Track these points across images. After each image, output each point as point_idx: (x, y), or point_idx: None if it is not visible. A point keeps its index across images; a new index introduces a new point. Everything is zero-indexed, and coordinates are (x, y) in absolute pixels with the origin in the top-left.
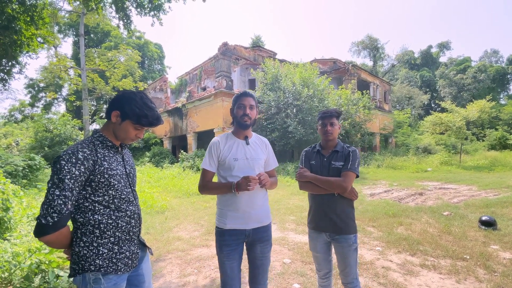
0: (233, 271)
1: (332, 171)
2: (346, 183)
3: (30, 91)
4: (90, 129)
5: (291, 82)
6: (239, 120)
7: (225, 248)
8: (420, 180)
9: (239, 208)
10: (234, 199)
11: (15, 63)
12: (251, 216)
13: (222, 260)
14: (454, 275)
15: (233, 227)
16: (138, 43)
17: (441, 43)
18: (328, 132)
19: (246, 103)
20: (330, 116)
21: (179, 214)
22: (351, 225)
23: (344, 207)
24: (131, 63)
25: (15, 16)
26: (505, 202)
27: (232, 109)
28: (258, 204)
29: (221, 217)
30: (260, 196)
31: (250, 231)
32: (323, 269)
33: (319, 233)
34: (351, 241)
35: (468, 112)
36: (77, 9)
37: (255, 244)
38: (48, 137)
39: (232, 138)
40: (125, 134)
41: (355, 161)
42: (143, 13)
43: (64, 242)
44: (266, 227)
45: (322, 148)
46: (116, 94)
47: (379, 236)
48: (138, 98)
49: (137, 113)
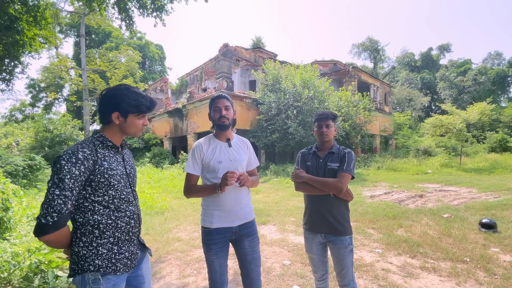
0: (222, 267)
1: (328, 172)
2: (341, 184)
3: (31, 91)
4: (90, 130)
5: (292, 84)
6: (217, 123)
7: (213, 247)
8: (420, 182)
9: (226, 207)
10: (221, 199)
11: (18, 63)
12: (237, 214)
13: (211, 259)
14: (454, 278)
15: (221, 226)
16: (139, 44)
17: (442, 45)
18: (324, 134)
19: (220, 105)
20: (326, 118)
21: (179, 215)
22: (346, 227)
23: (340, 208)
24: (132, 64)
25: (17, 16)
26: (505, 205)
27: (209, 113)
28: (243, 202)
29: (207, 217)
30: (244, 194)
31: (237, 228)
32: (319, 271)
33: (314, 234)
34: (347, 242)
35: (468, 114)
36: (79, 10)
37: (242, 239)
38: (49, 137)
39: (214, 140)
40: (135, 128)
41: (351, 162)
42: (145, 14)
43: (63, 242)
44: (251, 222)
45: (318, 149)
46: (101, 97)
47: (379, 238)
48: (127, 92)
49: (134, 105)
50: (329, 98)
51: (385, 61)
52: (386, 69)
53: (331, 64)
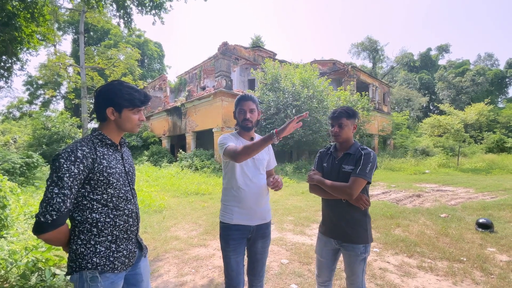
0: (239, 265)
1: (342, 175)
2: (351, 190)
3: (28, 88)
4: (88, 127)
5: (291, 83)
6: (241, 124)
7: (231, 242)
8: (418, 182)
9: (246, 204)
10: (242, 195)
11: (16, 60)
12: (256, 213)
13: (228, 255)
14: (451, 277)
15: (239, 223)
16: (138, 42)
17: (440, 46)
18: (336, 134)
19: (246, 108)
20: (338, 116)
21: (177, 213)
22: (361, 234)
23: (354, 214)
24: (130, 61)
25: (15, 13)
26: (502, 205)
27: (234, 112)
28: (263, 202)
29: (227, 213)
30: (264, 194)
31: (254, 228)
32: (322, 276)
33: (328, 238)
34: (359, 251)
35: (466, 115)
36: (78, 7)
37: (257, 240)
38: (46, 134)
39: (238, 138)
40: (130, 123)
41: (367, 165)
42: (144, 12)
43: (62, 240)
44: (267, 224)
45: (336, 149)
46: (96, 94)
47: (377, 238)
48: (120, 87)
49: (128, 99)
50: (328, 97)
51: (384, 61)
52: (385, 69)
53: (330, 63)
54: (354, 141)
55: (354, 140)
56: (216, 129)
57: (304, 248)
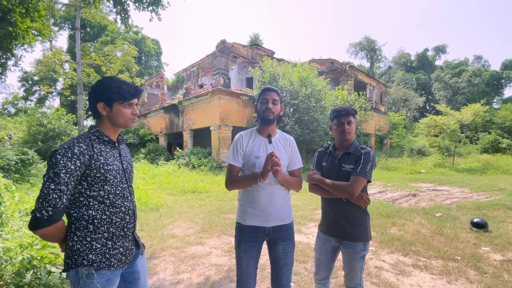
0: (249, 268)
1: (342, 174)
2: (352, 188)
3: (23, 84)
4: (84, 124)
5: (289, 81)
6: (261, 115)
7: (243, 244)
8: (414, 182)
9: (259, 205)
10: (254, 195)
11: (11, 56)
12: (270, 214)
13: (239, 256)
14: (445, 276)
15: (252, 224)
16: (135, 38)
17: (438, 47)
18: (346, 132)
19: (269, 98)
20: (347, 113)
21: (174, 211)
22: (361, 232)
23: (355, 212)
24: (127, 58)
25: (10, 8)
26: (496, 205)
27: (256, 105)
28: (279, 203)
29: (241, 213)
30: (280, 195)
31: (270, 229)
32: (320, 273)
33: (328, 236)
34: (359, 248)
35: (462, 115)
36: (74, 3)
37: (276, 242)
38: (42, 131)
39: (255, 135)
40: (122, 117)
41: (367, 164)
42: (141, 8)
43: (58, 236)
44: (287, 226)
45: (335, 149)
46: (89, 91)
47: (373, 236)
48: (109, 81)
49: (117, 92)
50: (325, 97)
51: (382, 61)
52: (382, 69)
53: (328, 62)
54: (353, 140)
55: (353, 139)
56: (214, 127)
57: (301, 246)
